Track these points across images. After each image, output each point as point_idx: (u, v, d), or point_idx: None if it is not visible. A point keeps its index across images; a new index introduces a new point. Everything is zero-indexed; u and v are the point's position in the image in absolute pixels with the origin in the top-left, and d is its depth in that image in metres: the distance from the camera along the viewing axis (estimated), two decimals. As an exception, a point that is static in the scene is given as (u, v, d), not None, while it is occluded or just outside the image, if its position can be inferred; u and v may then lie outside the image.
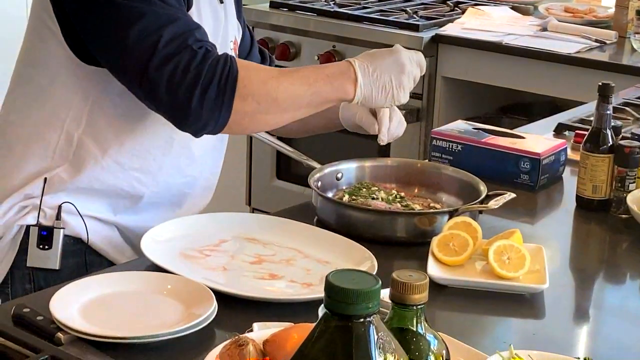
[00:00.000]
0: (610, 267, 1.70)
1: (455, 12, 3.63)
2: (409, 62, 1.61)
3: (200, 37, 1.52)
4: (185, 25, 1.51)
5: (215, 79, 1.49)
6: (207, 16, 1.67)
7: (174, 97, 1.48)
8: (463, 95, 3.40)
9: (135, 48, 1.49)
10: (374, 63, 1.58)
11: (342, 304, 0.83)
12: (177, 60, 1.48)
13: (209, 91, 1.48)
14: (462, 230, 1.55)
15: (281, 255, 1.56)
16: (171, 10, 1.51)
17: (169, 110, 1.52)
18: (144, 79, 1.49)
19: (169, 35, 1.48)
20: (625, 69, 3.02)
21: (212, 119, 1.50)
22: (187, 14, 1.56)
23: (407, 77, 1.60)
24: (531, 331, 1.41)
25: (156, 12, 1.49)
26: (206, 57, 1.49)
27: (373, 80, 1.57)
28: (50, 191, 1.64)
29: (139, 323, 1.31)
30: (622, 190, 1.79)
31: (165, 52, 1.48)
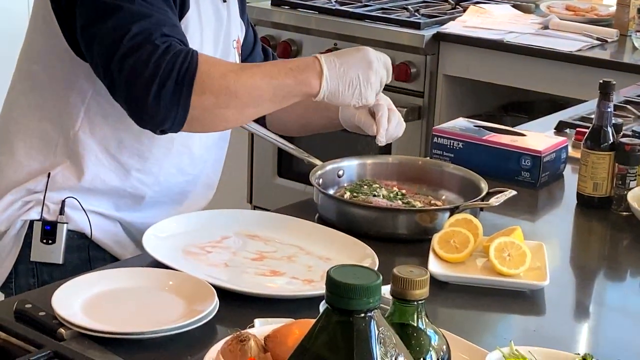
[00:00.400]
0: (611, 265, 1.70)
1: (457, 10, 3.64)
2: (376, 60, 1.57)
3: (169, 33, 1.49)
4: (155, 22, 1.49)
5: (174, 73, 1.45)
6: (208, 17, 1.67)
7: (132, 91, 1.47)
8: (464, 93, 3.40)
9: (104, 42, 1.48)
10: (341, 59, 1.55)
11: (344, 299, 0.84)
12: (138, 54, 1.46)
13: (167, 86, 1.45)
14: (463, 227, 1.55)
15: (283, 252, 1.57)
16: (148, 7, 1.50)
17: (128, 105, 1.50)
18: (107, 72, 1.49)
19: (136, 30, 1.47)
20: (626, 67, 3.03)
21: (170, 114, 1.47)
22: (168, 13, 1.53)
23: (374, 74, 1.56)
24: (532, 328, 1.42)
25: (131, 9, 1.48)
26: (166, 52, 1.46)
27: (339, 75, 1.53)
28: (54, 187, 1.65)
29: (140, 319, 1.32)
30: (622, 187, 1.79)
31: (128, 46, 1.46)
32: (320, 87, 1.52)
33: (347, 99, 1.55)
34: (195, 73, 1.47)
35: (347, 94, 1.55)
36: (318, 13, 3.50)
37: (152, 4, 1.51)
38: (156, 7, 1.52)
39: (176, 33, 1.53)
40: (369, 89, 1.56)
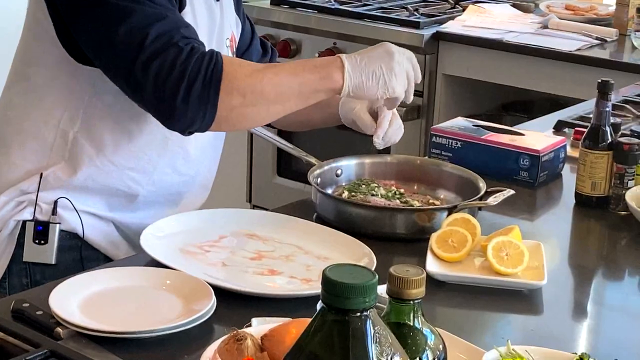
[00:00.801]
0: (608, 264, 1.70)
1: (456, 9, 3.63)
2: (397, 52, 1.58)
3: (188, 35, 1.52)
4: (172, 23, 1.51)
5: (201, 75, 1.47)
6: (202, 16, 1.67)
7: (160, 94, 1.48)
8: (463, 93, 3.40)
9: (122, 46, 1.49)
10: (362, 54, 1.56)
11: (339, 298, 0.84)
12: (163, 57, 1.47)
13: (194, 87, 1.47)
14: (461, 226, 1.55)
15: (281, 251, 1.57)
16: (159, 8, 1.51)
17: (156, 108, 1.51)
18: (131, 77, 1.49)
19: (155, 32, 1.48)
20: (625, 66, 3.02)
21: (199, 115, 1.49)
22: (176, 12, 1.56)
23: (397, 64, 1.57)
24: (529, 327, 1.42)
25: (144, 10, 1.49)
26: (192, 54, 1.48)
27: (362, 68, 1.54)
28: (46, 187, 1.64)
29: (138, 318, 1.32)
30: (621, 187, 1.79)
31: (151, 49, 1.47)
32: (343, 81, 1.54)
33: (373, 90, 1.56)
34: (221, 74, 1.48)
35: (371, 85, 1.55)
36: (317, 12, 3.50)
37: (161, 5, 1.52)
38: (165, 7, 1.53)
39: (193, 34, 1.54)
40: (393, 79, 1.56)
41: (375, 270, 0.87)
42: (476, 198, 1.67)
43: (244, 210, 1.76)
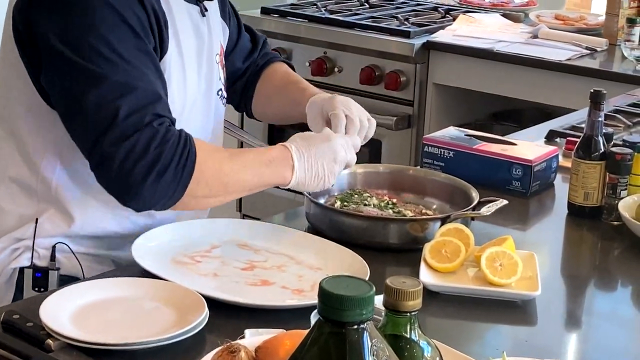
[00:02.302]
0: (602, 274, 1.70)
1: (447, 19, 3.64)
2: (342, 150, 1.61)
3: (161, 111, 1.46)
4: (144, 97, 1.44)
5: (174, 161, 1.44)
6: (189, 46, 1.61)
7: (127, 175, 1.42)
8: (454, 102, 3.40)
9: (91, 116, 1.43)
10: (310, 150, 1.58)
11: (336, 311, 0.83)
12: (136, 138, 1.42)
13: (166, 174, 1.44)
14: (455, 236, 1.54)
15: (273, 261, 1.56)
16: (132, 75, 1.44)
17: (118, 187, 1.45)
18: (95, 150, 1.44)
19: (128, 108, 1.42)
20: (615, 76, 3.03)
21: (163, 199, 1.46)
22: (149, 76, 1.47)
23: (338, 165, 1.60)
24: (523, 338, 1.41)
25: (115, 80, 1.43)
26: (166, 138, 1.44)
27: (307, 168, 1.57)
28: (42, 234, 1.59)
29: (129, 329, 1.30)
30: (613, 197, 1.79)
31: (123, 127, 1.42)
32: (291, 180, 1.58)
33: (310, 188, 1.61)
34: (194, 163, 1.47)
35: (312, 184, 1.60)
36: (308, 21, 3.50)
37: (134, 66, 1.45)
38: (139, 71, 1.46)
39: (165, 110, 1.49)
40: (331, 178, 1.60)
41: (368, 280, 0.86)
42: (469, 208, 1.67)
43: (235, 220, 1.75)
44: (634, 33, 3.20)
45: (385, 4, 3.87)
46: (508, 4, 3.87)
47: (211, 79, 1.69)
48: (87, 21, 1.45)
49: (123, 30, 1.46)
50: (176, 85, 1.59)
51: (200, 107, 1.67)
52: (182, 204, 1.50)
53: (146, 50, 1.49)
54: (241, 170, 1.53)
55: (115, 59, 1.44)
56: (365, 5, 3.83)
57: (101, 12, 1.45)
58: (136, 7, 1.49)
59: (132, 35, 1.47)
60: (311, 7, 3.69)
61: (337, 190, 1.79)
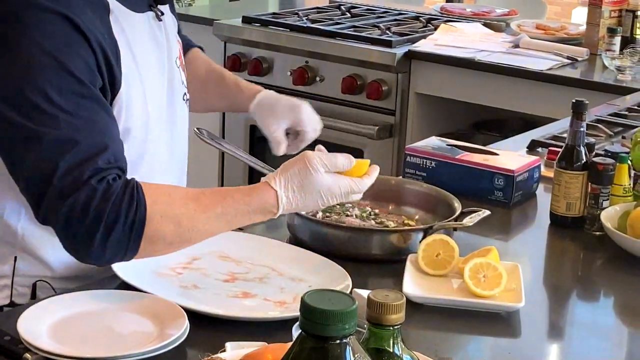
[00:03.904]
0: (584, 284, 1.69)
1: (428, 28, 3.65)
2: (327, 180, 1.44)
3: (103, 165, 1.35)
4: (85, 152, 1.34)
5: (120, 220, 1.33)
6: (148, 60, 1.53)
7: (73, 238, 1.35)
8: (436, 112, 3.40)
9: (30, 178, 1.36)
10: (296, 194, 1.42)
11: (318, 325, 0.82)
12: (73, 199, 1.32)
13: (113, 234, 1.33)
14: (439, 248, 1.54)
15: (254, 273, 1.54)
16: (75, 125, 1.35)
17: (68, 246, 1.37)
18: (39, 211, 1.36)
19: (65, 165, 1.33)
20: (596, 85, 3.05)
21: (117, 257, 1.37)
22: (94, 127, 1.37)
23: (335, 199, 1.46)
24: (506, 349, 1.41)
25: (54, 137, 1.33)
26: (107, 195, 1.33)
27: (296, 208, 1.44)
28: (20, 273, 1.54)
29: (109, 343, 1.29)
30: (595, 207, 1.79)
31: (59, 187, 1.33)
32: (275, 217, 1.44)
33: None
34: (144, 220, 1.35)
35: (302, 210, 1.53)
36: (289, 31, 3.50)
37: (78, 117, 1.35)
38: (83, 120, 1.36)
39: (110, 161, 1.36)
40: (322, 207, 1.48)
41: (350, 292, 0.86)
42: (452, 218, 1.66)
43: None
44: (614, 43, 3.22)
45: (367, 14, 3.87)
46: (489, 13, 3.88)
47: (173, 86, 1.62)
48: (25, 73, 1.35)
49: (64, 80, 1.36)
50: (140, 110, 1.51)
51: (166, 117, 1.60)
52: (144, 256, 1.40)
53: (91, 95, 1.39)
54: (208, 224, 1.40)
55: (55, 112, 1.34)
56: (346, 14, 3.83)
57: (40, 63, 1.35)
58: (81, 49, 1.38)
59: (75, 82, 1.37)
60: (293, 16, 3.68)
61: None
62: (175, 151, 1.66)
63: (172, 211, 1.38)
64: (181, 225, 1.38)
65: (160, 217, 1.36)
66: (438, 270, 1.53)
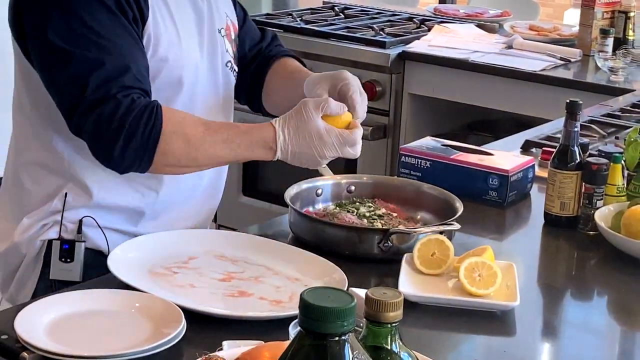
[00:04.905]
0: (578, 284, 1.70)
1: (422, 29, 3.65)
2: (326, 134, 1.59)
3: (129, 84, 1.54)
4: (112, 71, 1.53)
5: (139, 132, 1.52)
6: (185, 13, 1.67)
7: (98, 143, 1.55)
8: (429, 112, 3.41)
9: (64, 93, 1.56)
10: (297, 135, 1.58)
11: (317, 323, 0.82)
12: (100, 110, 1.52)
13: (132, 143, 1.53)
14: (435, 247, 1.54)
15: (250, 272, 1.55)
16: (103, 46, 1.54)
17: (95, 153, 1.57)
18: (71, 122, 1.56)
19: (95, 82, 1.52)
20: (589, 86, 3.06)
21: (133, 167, 1.56)
22: (122, 48, 1.55)
23: (327, 149, 1.59)
24: (501, 348, 1.41)
25: (85, 57, 1.53)
26: (130, 109, 1.52)
27: (291, 149, 1.59)
28: (69, 207, 1.67)
29: (106, 342, 1.29)
30: (589, 207, 1.80)
31: (90, 100, 1.52)
32: (275, 157, 1.60)
33: (302, 165, 1.62)
34: (160, 134, 1.54)
35: (302, 162, 1.61)
36: (283, 31, 3.50)
37: (106, 40, 1.54)
38: (111, 43, 1.54)
39: (135, 81, 1.56)
40: (323, 158, 1.61)
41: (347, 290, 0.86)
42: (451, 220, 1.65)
43: (212, 231, 1.74)
44: (607, 44, 3.23)
45: (361, 14, 3.88)
46: (483, 14, 3.89)
47: (214, 51, 1.74)
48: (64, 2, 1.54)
49: (95, 8, 1.55)
50: (168, 47, 1.63)
51: (206, 75, 1.72)
52: (156, 170, 1.58)
53: (120, 23, 1.56)
54: (214, 147, 1.57)
55: (86, 33, 1.53)
56: (340, 15, 3.84)
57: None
58: None
59: (105, 11, 1.55)
60: (287, 17, 3.69)
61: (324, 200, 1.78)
62: (219, 118, 1.74)
63: (182, 130, 1.56)
64: (190, 144, 1.55)
65: (171, 134, 1.54)
66: (433, 269, 1.54)
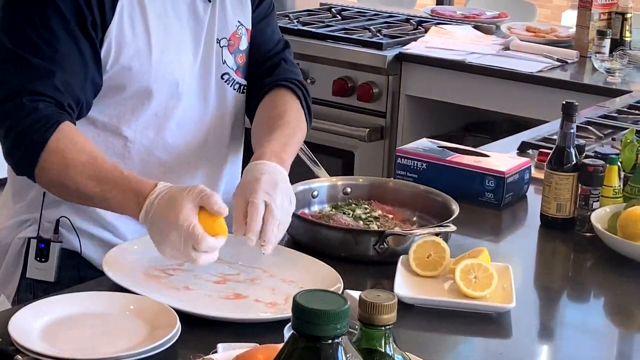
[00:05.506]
0: (574, 285, 1.70)
1: (419, 30, 3.65)
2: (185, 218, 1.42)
3: (43, 91, 1.53)
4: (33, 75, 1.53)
5: (27, 135, 1.51)
6: (172, 23, 1.64)
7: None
8: (426, 114, 3.41)
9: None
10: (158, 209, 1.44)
11: (310, 325, 0.82)
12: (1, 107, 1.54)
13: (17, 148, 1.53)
14: (431, 249, 1.54)
15: (246, 274, 1.55)
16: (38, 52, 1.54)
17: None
18: None
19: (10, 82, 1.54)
20: (586, 88, 3.06)
21: (20, 165, 1.56)
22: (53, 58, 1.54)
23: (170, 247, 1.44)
24: (497, 350, 1.41)
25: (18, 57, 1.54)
26: (31, 113, 1.51)
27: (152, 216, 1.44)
28: (48, 206, 1.68)
29: (100, 345, 1.29)
30: (586, 208, 1.79)
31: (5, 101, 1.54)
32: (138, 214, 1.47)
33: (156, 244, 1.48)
34: (43, 146, 1.51)
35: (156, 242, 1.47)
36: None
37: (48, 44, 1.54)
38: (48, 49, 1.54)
39: (52, 90, 1.53)
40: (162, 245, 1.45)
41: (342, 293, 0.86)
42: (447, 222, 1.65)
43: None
44: (604, 45, 3.23)
45: (358, 16, 3.88)
46: (480, 16, 3.89)
47: (208, 62, 1.71)
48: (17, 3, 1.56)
49: (49, 10, 1.54)
50: (133, 56, 1.61)
51: (195, 86, 1.69)
52: (39, 183, 1.56)
53: (68, 28, 1.55)
54: (86, 180, 1.51)
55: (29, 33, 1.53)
56: (337, 17, 3.84)
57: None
58: None
59: (57, 15, 1.55)
60: (283, 18, 3.69)
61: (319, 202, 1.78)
62: (209, 134, 1.73)
63: (65, 151, 1.52)
64: (66, 169, 1.51)
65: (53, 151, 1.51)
66: (429, 271, 1.54)
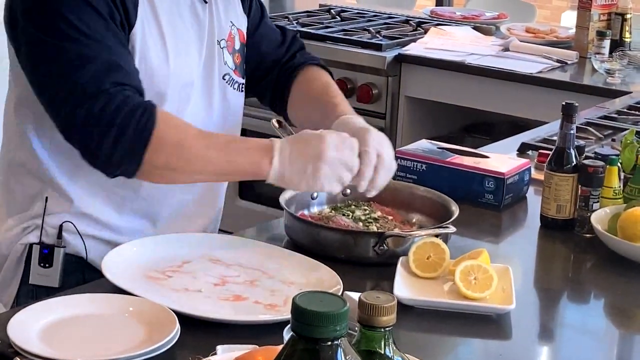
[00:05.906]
0: (574, 287, 1.70)
1: (418, 31, 3.65)
2: (331, 149, 1.50)
3: (121, 80, 1.50)
4: (102, 66, 1.50)
5: (131, 126, 1.48)
6: (180, 27, 1.64)
7: (87, 139, 1.50)
8: (426, 115, 3.41)
9: (51, 88, 1.52)
10: (295, 146, 1.51)
11: (310, 327, 0.82)
12: (90, 104, 1.48)
13: (123, 138, 1.48)
14: (431, 250, 1.54)
15: (245, 276, 1.54)
16: (92, 45, 1.50)
17: (81, 149, 1.53)
18: (59, 117, 1.52)
19: (85, 76, 1.49)
20: (586, 88, 3.05)
21: (122, 166, 1.51)
22: (111, 48, 1.52)
23: (326, 165, 1.49)
24: (497, 352, 1.41)
25: (74, 51, 1.49)
26: (123, 104, 1.48)
27: (290, 164, 1.49)
28: (51, 211, 1.66)
29: (99, 346, 1.28)
30: (586, 209, 1.79)
31: (79, 94, 1.48)
32: (269, 172, 1.51)
33: (298, 187, 1.53)
34: (152, 133, 1.49)
35: (297, 182, 1.52)
36: (279, 34, 3.49)
37: (94, 40, 1.51)
38: (100, 43, 1.51)
39: (128, 79, 1.52)
40: (319, 181, 1.50)
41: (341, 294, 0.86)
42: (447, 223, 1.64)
43: (207, 235, 1.73)
44: (604, 46, 3.23)
45: (357, 17, 3.88)
46: (479, 17, 3.89)
47: (211, 63, 1.71)
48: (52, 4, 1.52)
49: (85, 11, 1.52)
50: (156, 57, 1.60)
51: (200, 87, 1.69)
52: (145, 172, 1.52)
53: (109, 27, 1.53)
54: (206, 148, 1.51)
55: (74, 34, 1.50)
56: (337, 18, 3.84)
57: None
58: None
59: (95, 14, 1.52)
60: (283, 20, 3.69)
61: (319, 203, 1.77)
62: None
63: (178, 130, 1.51)
64: (183, 143, 1.50)
65: (166, 132, 1.49)
66: (429, 272, 1.53)
